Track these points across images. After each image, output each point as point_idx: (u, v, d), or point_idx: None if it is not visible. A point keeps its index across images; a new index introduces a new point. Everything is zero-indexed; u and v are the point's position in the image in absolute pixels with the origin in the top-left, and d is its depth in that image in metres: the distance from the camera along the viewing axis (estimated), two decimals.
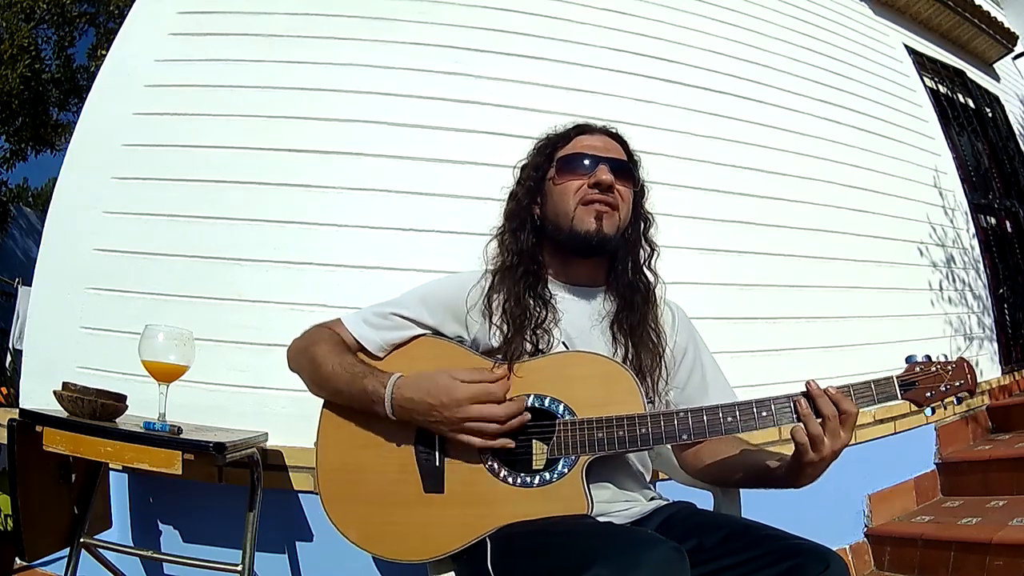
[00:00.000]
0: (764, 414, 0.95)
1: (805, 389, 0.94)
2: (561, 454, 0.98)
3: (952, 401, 0.97)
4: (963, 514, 2.33)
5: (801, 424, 0.92)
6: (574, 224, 1.08)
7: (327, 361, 1.05)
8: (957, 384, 0.96)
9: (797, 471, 0.95)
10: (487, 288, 1.12)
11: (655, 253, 1.18)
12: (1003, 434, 2.94)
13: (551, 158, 1.15)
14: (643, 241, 1.18)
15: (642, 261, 1.16)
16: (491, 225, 1.22)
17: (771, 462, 1.03)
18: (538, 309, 1.07)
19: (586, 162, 1.10)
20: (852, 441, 2.51)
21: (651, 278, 1.16)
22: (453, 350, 1.09)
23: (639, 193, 1.16)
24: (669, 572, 0.75)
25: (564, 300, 1.12)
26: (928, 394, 0.96)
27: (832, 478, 2.52)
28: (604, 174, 1.07)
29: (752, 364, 2.26)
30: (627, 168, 1.13)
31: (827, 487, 2.33)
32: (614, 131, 1.19)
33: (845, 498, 2.41)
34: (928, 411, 0.98)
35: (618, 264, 1.15)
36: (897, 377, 0.96)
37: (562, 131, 1.19)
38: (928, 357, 0.98)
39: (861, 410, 0.94)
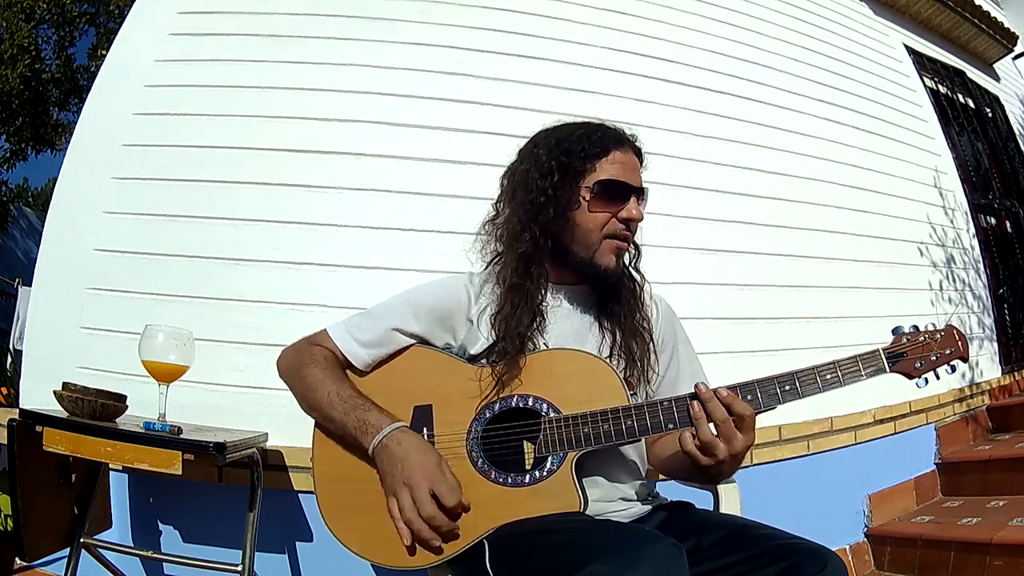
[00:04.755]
0: (748, 398, 0.94)
1: (694, 392, 0.93)
2: (549, 452, 0.98)
3: (945, 370, 0.93)
4: (963, 514, 2.33)
5: (688, 433, 0.92)
6: (595, 258, 1.06)
7: (323, 388, 1.04)
8: (947, 352, 0.93)
9: (702, 471, 0.94)
10: (477, 293, 1.11)
11: (639, 255, 1.16)
12: (1003, 434, 2.94)
13: (584, 170, 1.06)
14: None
15: (628, 262, 1.15)
16: (486, 215, 1.18)
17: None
18: (528, 315, 1.05)
19: (623, 196, 1.05)
20: (852, 441, 2.46)
21: (637, 277, 1.16)
22: (437, 359, 1.09)
23: None
24: (669, 569, 0.75)
25: (553, 300, 1.11)
26: (918, 364, 0.93)
27: (832, 478, 2.52)
28: (635, 210, 1.05)
29: (752, 364, 2.25)
30: (644, 195, 1.09)
31: (827, 487, 2.34)
32: (640, 148, 1.13)
33: (845, 498, 2.41)
34: (920, 382, 0.94)
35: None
36: (884, 349, 0.94)
37: (598, 135, 1.08)
38: (915, 327, 0.95)
39: (851, 386, 0.92)
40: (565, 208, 1.06)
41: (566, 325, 1.10)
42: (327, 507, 1.06)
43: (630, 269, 1.15)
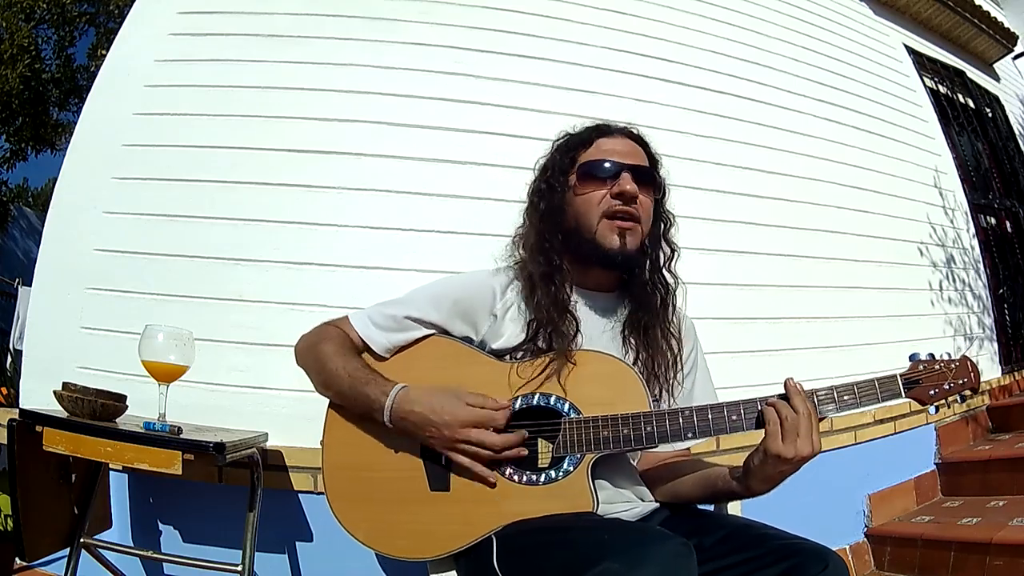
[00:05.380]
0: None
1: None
2: (566, 452, 0.98)
3: (956, 399, 0.96)
4: (963, 514, 2.34)
5: (774, 408, 0.91)
6: (597, 238, 1.05)
7: (331, 361, 1.05)
8: (960, 382, 0.95)
9: (755, 468, 0.94)
10: (503, 289, 1.10)
11: (675, 255, 1.15)
12: (1003, 434, 2.94)
13: (573, 161, 1.10)
14: (662, 242, 1.15)
15: (662, 263, 1.14)
16: (497, 225, 1.21)
17: (722, 469, 1.04)
18: (555, 314, 1.05)
19: (610, 172, 1.05)
20: (852, 441, 2.46)
21: (670, 280, 1.14)
22: (459, 350, 1.09)
23: (661, 194, 1.13)
24: (678, 567, 0.75)
25: (580, 305, 1.11)
26: (932, 392, 0.95)
27: (832, 478, 2.52)
28: (628, 183, 1.04)
29: (752, 364, 2.25)
30: (650, 175, 1.09)
31: (827, 487, 2.34)
32: (636, 132, 1.15)
33: (845, 498, 2.41)
34: (932, 409, 0.97)
35: (634, 268, 1.12)
36: (901, 375, 0.96)
37: (582, 132, 1.14)
38: (932, 355, 0.98)
39: (864, 409, 0.95)
40: (562, 200, 1.10)
41: (588, 329, 1.09)
42: (335, 495, 1.06)
43: (664, 273, 1.13)
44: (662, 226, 1.15)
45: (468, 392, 0.99)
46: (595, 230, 1.05)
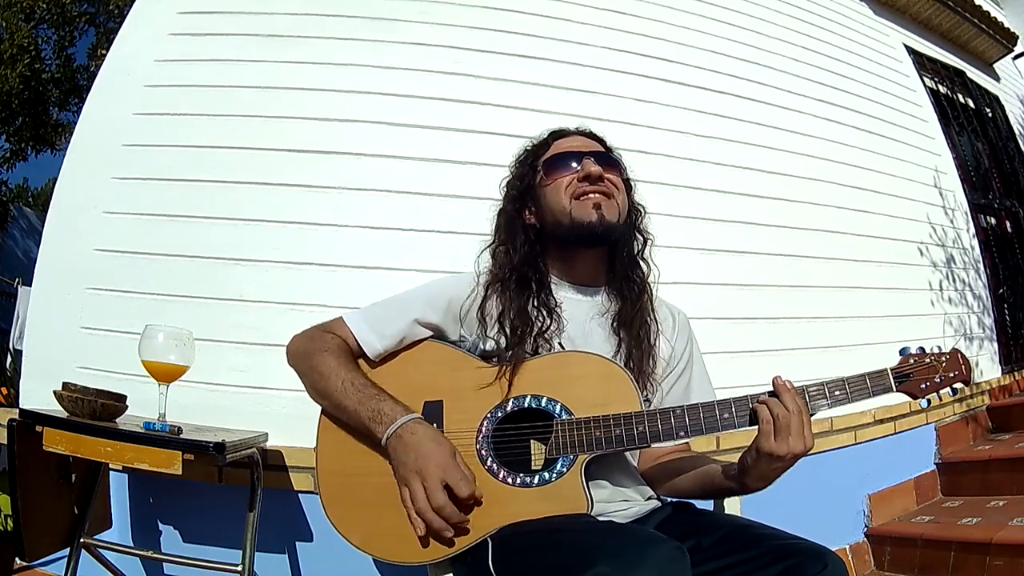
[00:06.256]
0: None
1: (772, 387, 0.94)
2: (559, 454, 0.98)
3: (947, 392, 0.97)
4: (963, 514, 2.34)
5: (765, 406, 0.92)
6: (574, 217, 1.08)
7: (336, 375, 1.04)
8: (951, 375, 0.96)
9: (749, 466, 0.95)
10: (481, 298, 1.11)
11: (648, 243, 1.18)
12: (1003, 434, 2.94)
13: (534, 166, 1.16)
14: (635, 232, 1.18)
15: (636, 252, 1.16)
16: (486, 232, 1.22)
17: (720, 466, 1.05)
18: (541, 318, 1.06)
19: (571, 161, 1.11)
20: (852, 441, 2.46)
21: (645, 268, 1.16)
22: (452, 355, 1.09)
23: (627, 186, 1.16)
24: (671, 571, 0.75)
25: (567, 300, 1.12)
26: (923, 385, 0.96)
27: (832, 478, 2.52)
28: (591, 166, 1.09)
29: (752, 364, 2.25)
30: (611, 159, 1.14)
31: (827, 487, 2.34)
32: (589, 130, 1.21)
33: (845, 498, 2.41)
34: (923, 402, 0.97)
35: (616, 259, 1.15)
36: (891, 369, 0.96)
37: (539, 140, 1.21)
38: (922, 349, 0.98)
39: (857, 404, 0.95)
40: (532, 198, 1.14)
41: (578, 324, 1.10)
42: (329, 499, 1.05)
43: (639, 262, 1.16)
44: (633, 217, 1.18)
45: (465, 466, 0.97)
46: (569, 211, 1.08)
